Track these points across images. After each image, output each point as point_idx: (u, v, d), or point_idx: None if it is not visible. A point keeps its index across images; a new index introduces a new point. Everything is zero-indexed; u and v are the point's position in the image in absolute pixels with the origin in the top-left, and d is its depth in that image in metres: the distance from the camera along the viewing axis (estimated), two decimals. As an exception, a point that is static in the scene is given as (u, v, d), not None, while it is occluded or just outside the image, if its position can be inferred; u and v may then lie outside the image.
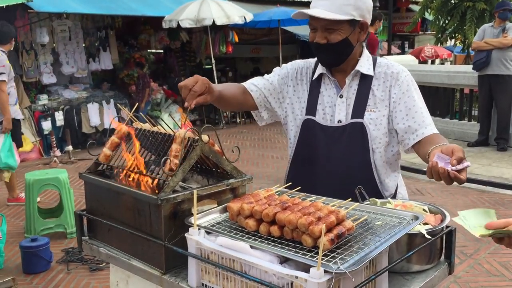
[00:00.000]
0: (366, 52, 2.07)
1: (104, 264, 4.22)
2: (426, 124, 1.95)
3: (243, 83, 2.20)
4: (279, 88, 2.17)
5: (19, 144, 6.10)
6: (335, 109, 2.04)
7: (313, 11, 1.91)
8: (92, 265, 4.23)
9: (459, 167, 1.50)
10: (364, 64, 2.04)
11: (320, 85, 2.10)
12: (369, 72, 2.03)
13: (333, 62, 2.04)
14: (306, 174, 2.08)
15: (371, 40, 7.08)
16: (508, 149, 7.74)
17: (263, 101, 2.18)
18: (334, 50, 1.97)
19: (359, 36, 1.99)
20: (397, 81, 2.01)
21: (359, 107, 2.01)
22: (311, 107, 2.09)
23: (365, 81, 2.03)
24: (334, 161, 2.02)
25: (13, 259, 4.41)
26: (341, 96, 2.04)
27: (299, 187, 1.79)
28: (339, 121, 2.03)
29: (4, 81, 5.46)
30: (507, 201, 5.82)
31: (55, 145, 8.53)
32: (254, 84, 2.17)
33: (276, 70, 2.23)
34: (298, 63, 2.20)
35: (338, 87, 2.07)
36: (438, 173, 1.54)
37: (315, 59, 2.15)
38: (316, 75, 2.11)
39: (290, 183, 1.92)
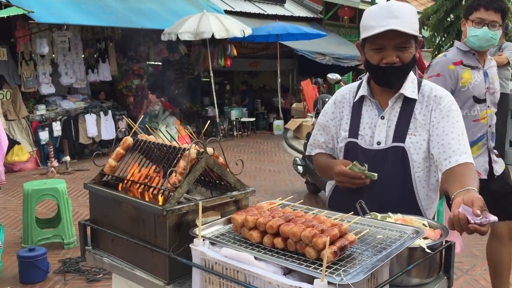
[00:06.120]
0: (411, 74, 2.02)
1: (101, 275, 4.22)
2: (461, 152, 1.88)
3: (319, 149, 2.25)
4: (333, 130, 2.17)
5: None
6: (375, 130, 2.02)
7: (391, 25, 1.83)
8: (89, 276, 4.22)
9: (484, 222, 1.49)
10: (409, 87, 2.00)
11: (362, 107, 2.08)
12: (413, 95, 1.99)
13: (397, 83, 1.99)
14: (350, 198, 1.97)
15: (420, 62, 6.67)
16: (503, 166, 7.80)
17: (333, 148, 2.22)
18: (406, 70, 1.94)
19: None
20: (439, 105, 1.97)
21: (401, 130, 1.98)
22: (353, 129, 2.07)
23: (408, 104, 2.00)
24: (377, 187, 1.97)
25: (10, 269, 4.40)
26: (382, 118, 2.01)
27: (302, 200, 1.82)
28: (378, 143, 2.00)
29: None
30: (502, 218, 5.83)
31: (52, 155, 8.52)
32: (326, 146, 2.22)
33: (323, 113, 2.22)
34: (338, 94, 2.18)
35: (379, 109, 2.04)
36: (461, 224, 1.53)
37: (357, 83, 2.14)
38: (357, 97, 2.09)
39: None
